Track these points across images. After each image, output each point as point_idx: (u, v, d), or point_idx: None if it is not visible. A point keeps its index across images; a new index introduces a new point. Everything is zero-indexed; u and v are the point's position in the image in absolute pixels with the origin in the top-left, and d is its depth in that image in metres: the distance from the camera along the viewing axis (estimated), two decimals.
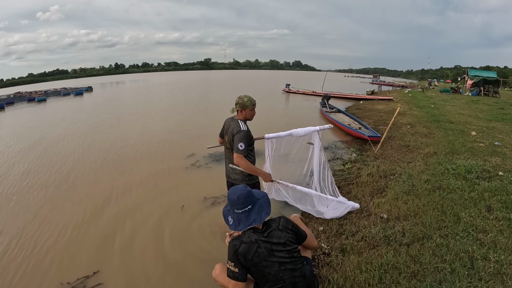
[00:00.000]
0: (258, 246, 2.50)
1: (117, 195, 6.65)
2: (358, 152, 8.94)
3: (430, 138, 9.28)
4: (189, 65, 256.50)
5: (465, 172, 5.89)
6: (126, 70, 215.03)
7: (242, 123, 3.87)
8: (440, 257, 3.39)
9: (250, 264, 2.49)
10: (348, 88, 38.96)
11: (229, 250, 2.55)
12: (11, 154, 10.28)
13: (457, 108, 17.34)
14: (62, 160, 9.34)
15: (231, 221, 2.63)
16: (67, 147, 10.89)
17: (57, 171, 8.31)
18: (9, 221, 5.68)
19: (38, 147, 11.00)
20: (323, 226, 4.54)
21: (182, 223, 5.37)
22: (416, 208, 4.62)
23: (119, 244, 4.82)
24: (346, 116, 14.84)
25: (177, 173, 7.88)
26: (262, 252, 2.50)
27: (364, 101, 23.54)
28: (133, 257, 4.48)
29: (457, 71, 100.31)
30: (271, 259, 2.50)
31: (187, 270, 4.14)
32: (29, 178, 7.84)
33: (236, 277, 2.49)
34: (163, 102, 25.30)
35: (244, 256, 2.48)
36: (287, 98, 27.98)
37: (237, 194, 2.61)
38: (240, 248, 2.49)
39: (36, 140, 12.21)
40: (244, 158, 3.80)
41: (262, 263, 2.49)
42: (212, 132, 12.05)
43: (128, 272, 4.16)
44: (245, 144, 3.75)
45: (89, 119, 17.56)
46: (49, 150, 10.51)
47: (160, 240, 4.88)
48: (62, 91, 41.03)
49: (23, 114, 22.88)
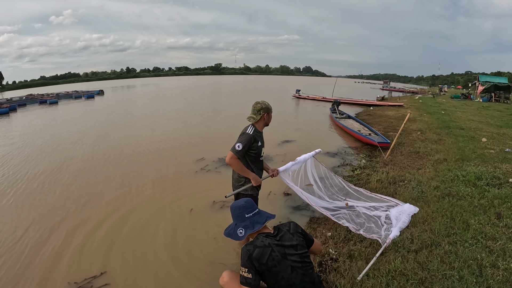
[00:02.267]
0: (272, 250, 2.53)
1: (126, 198, 6.71)
2: (367, 158, 8.93)
3: (440, 145, 9.23)
4: (199, 70, 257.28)
5: (475, 179, 5.85)
6: (137, 74, 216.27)
7: (251, 128, 3.86)
8: (448, 264, 3.37)
9: (265, 269, 2.50)
10: (358, 94, 38.85)
11: (242, 256, 2.55)
12: (21, 155, 10.43)
13: (467, 114, 17.24)
14: (73, 161, 9.45)
15: (242, 232, 2.66)
16: (79, 149, 11.01)
17: (68, 172, 8.42)
18: (20, 220, 5.76)
19: (49, 149, 11.13)
20: (331, 232, 4.54)
21: (190, 227, 5.41)
22: (425, 215, 4.61)
23: (127, 246, 4.87)
24: (356, 122, 14.83)
25: (187, 177, 7.92)
26: (276, 256, 2.52)
27: (374, 107, 23.49)
28: (140, 259, 4.52)
29: (468, 77, 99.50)
30: (284, 263, 2.52)
31: (194, 273, 4.16)
32: (40, 179, 7.96)
33: (250, 283, 2.47)
34: (174, 107, 25.42)
35: (258, 260, 2.49)
36: (297, 104, 28.03)
37: (244, 200, 2.78)
38: (255, 253, 2.50)
39: (47, 142, 12.38)
40: (237, 159, 3.78)
41: (276, 267, 2.50)
42: (222, 136, 12.15)
43: (134, 274, 4.20)
44: (244, 145, 3.74)
45: (101, 122, 17.75)
46: (60, 152, 10.63)
47: (168, 243, 4.91)
48: (73, 94, 41.42)
49: (35, 115, 23.15)
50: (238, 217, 2.73)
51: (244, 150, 3.78)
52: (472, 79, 54.07)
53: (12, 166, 9.24)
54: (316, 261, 3.80)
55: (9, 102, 31.60)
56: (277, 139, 11.42)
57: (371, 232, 4.23)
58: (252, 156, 3.92)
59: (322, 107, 23.78)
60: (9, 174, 8.42)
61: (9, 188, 7.40)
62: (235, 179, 4.07)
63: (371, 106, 24.23)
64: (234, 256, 4.41)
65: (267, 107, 3.93)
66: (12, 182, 7.76)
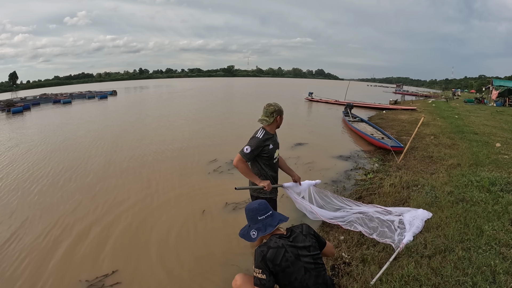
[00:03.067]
0: (286, 251, 2.53)
1: (139, 198, 6.83)
2: (380, 162, 8.93)
3: (453, 149, 9.17)
4: (212, 72, 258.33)
5: (489, 185, 5.81)
6: (150, 75, 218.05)
7: (261, 132, 3.83)
8: (461, 270, 3.36)
9: (278, 269, 2.50)
10: (371, 97, 38.64)
11: (256, 257, 2.56)
12: (42, 152, 10.62)
13: (481, 119, 17.06)
14: (88, 161, 9.63)
15: (255, 233, 2.68)
16: (95, 148, 11.22)
17: (81, 172, 8.59)
18: (34, 218, 5.89)
19: (68, 147, 11.35)
20: (344, 236, 4.56)
21: (203, 228, 5.48)
22: (438, 220, 4.58)
23: (139, 245, 4.97)
24: (368, 126, 14.80)
25: (199, 178, 8.00)
26: (290, 257, 2.52)
27: (387, 110, 23.42)
28: (152, 259, 4.60)
29: (482, 81, 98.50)
30: (298, 263, 2.53)
31: (205, 275, 4.22)
32: (65, 176, 8.19)
33: (264, 284, 2.47)
34: (187, 108, 25.63)
35: (272, 261, 2.49)
36: (310, 107, 28.05)
37: (257, 202, 2.78)
38: (268, 254, 2.51)
39: (67, 140, 12.68)
40: (244, 162, 3.75)
41: (290, 268, 2.51)
42: (235, 138, 12.20)
43: (146, 273, 4.27)
44: (252, 149, 3.71)
45: (115, 122, 18.07)
46: (78, 150, 10.84)
47: (179, 243, 4.99)
48: (87, 94, 42.03)
49: (49, 114, 23.51)
50: (251, 219, 2.76)
51: (253, 153, 3.75)
52: (486, 83, 53.53)
53: (34, 163, 9.57)
54: (329, 264, 3.83)
55: (23, 101, 32.32)
56: (290, 141, 11.47)
57: (385, 236, 4.21)
58: (264, 159, 3.91)
59: (335, 110, 23.78)
60: (33, 170, 8.83)
61: (34, 184, 7.64)
62: (251, 181, 4.01)
63: (384, 109, 24.15)
64: (246, 258, 4.44)
65: (280, 109, 3.91)
66: (37, 178, 8.09)
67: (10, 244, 5.04)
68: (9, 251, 4.85)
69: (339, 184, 7.32)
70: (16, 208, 6.42)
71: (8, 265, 4.49)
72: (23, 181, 7.90)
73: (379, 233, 4.33)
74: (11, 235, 5.33)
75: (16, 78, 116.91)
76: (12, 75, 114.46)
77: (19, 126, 18.39)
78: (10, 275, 4.28)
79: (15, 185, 7.68)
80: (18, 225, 5.69)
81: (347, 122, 15.98)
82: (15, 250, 4.87)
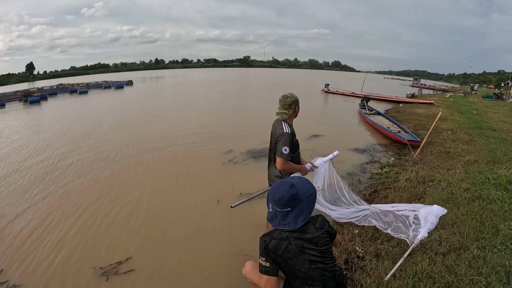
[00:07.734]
0: (289, 243, 2.50)
1: (153, 188, 6.92)
2: (396, 156, 8.85)
3: (471, 146, 9.04)
4: (228, 62, 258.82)
5: (506, 183, 5.72)
6: (166, 66, 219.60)
7: (285, 125, 3.81)
8: (476, 269, 3.34)
9: (280, 260, 2.51)
10: (387, 90, 38.27)
11: (260, 246, 2.58)
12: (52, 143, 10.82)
13: (499, 115, 16.70)
14: (106, 152, 9.78)
15: (270, 210, 2.62)
16: (112, 138, 11.40)
17: (99, 162, 8.73)
18: (52, 208, 6.01)
19: (80, 138, 11.56)
20: (358, 229, 4.54)
21: (217, 217, 5.54)
22: (454, 217, 4.54)
23: (152, 233, 5.06)
24: (385, 119, 14.67)
25: (215, 168, 8.07)
26: (293, 249, 2.49)
27: (404, 104, 23.15)
28: (165, 247, 4.68)
29: (501, 76, 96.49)
30: (302, 256, 2.49)
31: (218, 264, 4.27)
32: (71, 168, 8.29)
33: (268, 271, 2.51)
34: (203, 99, 25.79)
35: (274, 252, 2.50)
36: (326, 98, 27.90)
37: (280, 194, 2.54)
38: (270, 244, 2.51)
39: (87, 129, 12.92)
40: (289, 162, 3.75)
41: (292, 260, 2.49)
42: (251, 129, 12.26)
43: (159, 261, 4.35)
44: (289, 147, 3.69)
45: (132, 112, 18.28)
46: (94, 141, 11.03)
47: (194, 233, 5.05)
48: (103, 84, 42.49)
49: (66, 104, 23.85)
50: (269, 201, 2.65)
51: (290, 150, 3.73)
52: (505, 79, 52.51)
53: (58, 153, 9.81)
54: (342, 258, 3.83)
55: (40, 91, 32.98)
56: (306, 133, 11.42)
57: (399, 231, 4.21)
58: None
59: (351, 102, 23.59)
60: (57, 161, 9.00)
61: (63, 175, 7.83)
62: (275, 175, 3.99)
63: (401, 103, 23.90)
64: (257, 248, 4.47)
65: (296, 99, 3.91)
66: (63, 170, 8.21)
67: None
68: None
69: (354, 177, 7.28)
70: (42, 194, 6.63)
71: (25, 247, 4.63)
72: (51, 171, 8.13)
73: (394, 228, 4.34)
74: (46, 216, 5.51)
75: (33, 68, 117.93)
76: (29, 65, 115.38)
77: (35, 116, 18.78)
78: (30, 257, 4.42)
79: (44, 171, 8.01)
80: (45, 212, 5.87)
81: (363, 115, 15.85)
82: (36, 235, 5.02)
